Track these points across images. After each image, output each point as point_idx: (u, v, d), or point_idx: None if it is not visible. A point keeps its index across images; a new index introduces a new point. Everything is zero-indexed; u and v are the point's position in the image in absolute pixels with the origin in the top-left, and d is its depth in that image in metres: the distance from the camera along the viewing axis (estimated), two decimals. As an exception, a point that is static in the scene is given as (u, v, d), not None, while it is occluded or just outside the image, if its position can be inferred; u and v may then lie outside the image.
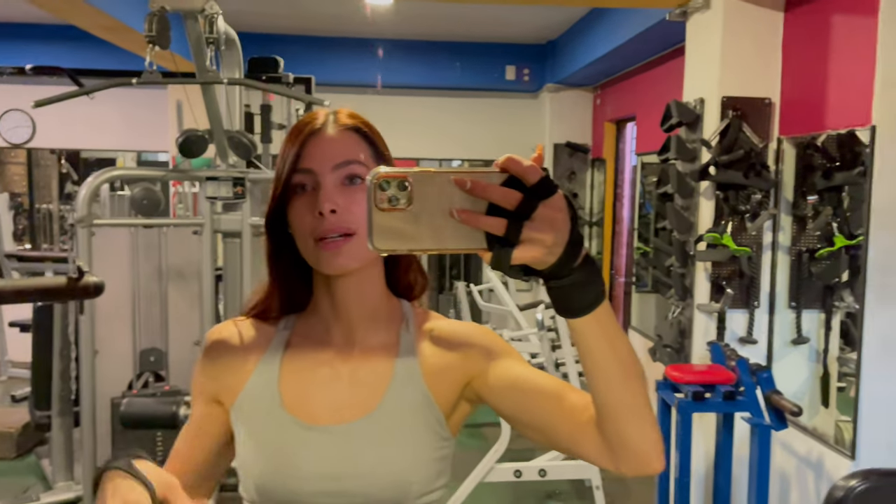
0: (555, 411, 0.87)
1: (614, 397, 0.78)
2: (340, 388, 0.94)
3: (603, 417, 0.80)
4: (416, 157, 6.63)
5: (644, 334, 4.84)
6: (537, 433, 0.91)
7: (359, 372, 0.95)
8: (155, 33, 2.73)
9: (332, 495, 0.89)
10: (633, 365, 0.79)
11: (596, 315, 0.74)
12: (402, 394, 0.93)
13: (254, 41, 5.29)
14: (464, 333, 0.98)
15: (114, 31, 4.34)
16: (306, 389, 0.94)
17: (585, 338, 0.76)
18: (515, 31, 5.94)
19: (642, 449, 0.80)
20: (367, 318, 0.97)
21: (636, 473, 0.82)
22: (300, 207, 0.90)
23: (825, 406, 3.13)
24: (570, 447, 0.87)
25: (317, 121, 0.92)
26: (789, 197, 3.15)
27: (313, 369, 0.95)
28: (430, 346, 0.97)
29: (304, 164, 0.90)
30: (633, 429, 0.79)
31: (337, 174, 0.90)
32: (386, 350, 0.96)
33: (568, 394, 0.88)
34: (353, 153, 0.91)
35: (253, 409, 0.94)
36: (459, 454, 1.01)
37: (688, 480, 2.75)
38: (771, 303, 3.20)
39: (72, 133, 6.45)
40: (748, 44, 3.15)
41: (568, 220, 0.67)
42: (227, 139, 3.33)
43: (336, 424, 0.92)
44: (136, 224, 3.64)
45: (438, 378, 0.95)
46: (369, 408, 0.92)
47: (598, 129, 6.15)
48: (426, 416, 0.93)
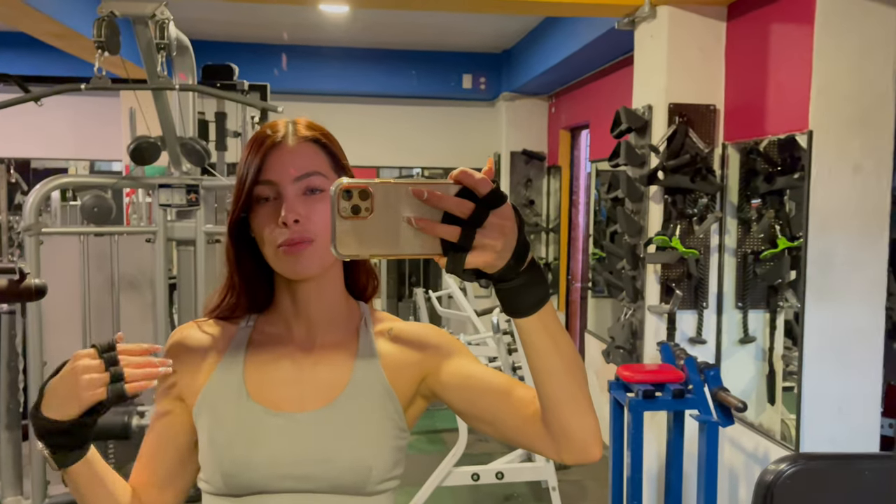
0: (502, 405, 0.94)
1: (556, 390, 0.85)
2: (303, 380, 0.98)
3: (546, 409, 0.87)
4: (374, 166, 6.64)
5: (600, 338, 4.91)
6: (487, 426, 0.97)
7: (320, 364, 0.99)
8: (104, 38, 2.71)
9: (297, 479, 0.93)
10: (574, 360, 0.85)
11: (540, 315, 0.80)
12: (363, 384, 0.98)
13: (209, 49, 5.26)
14: (420, 333, 1.03)
15: (63, 37, 4.28)
16: (270, 381, 0.98)
17: (531, 336, 0.82)
18: (472, 40, 6.00)
19: (582, 437, 0.87)
20: (327, 318, 1.01)
21: (577, 461, 0.89)
22: (263, 217, 0.94)
23: (771, 403, 3.22)
24: (516, 438, 0.94)
25: (278, 132, 0.96)
26: (734, 200, 3.25)
27: (276, 362, 1.00)
28: (388, 344, 1.02)
29: (267, 175, 0.94)
30: (573, 419, 0.86)
31: (298, 185, 0.94)
32: (346, 346, 1.01)
33: (515, 389, 0.94)
34: (313, 165, 0.95)
35: (218, 401, 0.97)
36: (419, 458, 1.06)
37: (640, 477, 2.81)
38: (719, 303, 3.29)
39: (22, 142, 6.31)
40: (693, 52, 3.25)
41: (516, 227, 0.73)
42: (179, 146, 3.30)
43: (300, 412, 0.96)
44: (87, 232, 3.58)
45: (396, 373, 1.00)
46: (332, 397, 0.97)
47: (553, 136, 6.24)
48: (386, 405, 0.98)
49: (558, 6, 3.46)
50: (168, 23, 2.87)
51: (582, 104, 5.58)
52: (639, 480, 2.81)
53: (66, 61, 5.10)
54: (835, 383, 2.71)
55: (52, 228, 3.50)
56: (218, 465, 0.94)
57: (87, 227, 3.63)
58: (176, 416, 1.01)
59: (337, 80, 6.27)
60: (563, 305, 6.05)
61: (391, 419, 0.98)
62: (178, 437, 1.01)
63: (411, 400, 1.01)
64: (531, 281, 0.77)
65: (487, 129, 6.60)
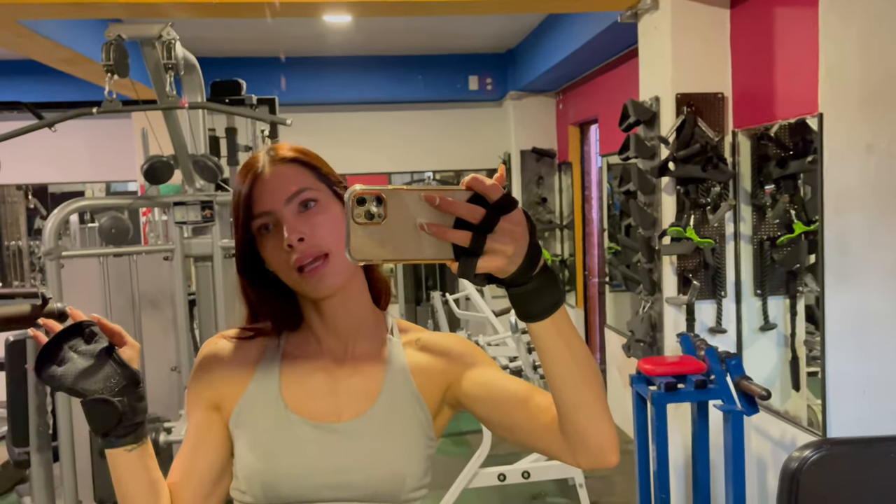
0: (521, 412, 0.95)
1: (572, 394, 0.85)
2: (338, 390, 1.01)
3: (562, 414, 0.87)
4: (385, 172, 6.67)
5: (620, 332, 4.90)
6: (507, 432, 0.99)
7: (353, 376, 1.02)
8: (113, 62, 2.74)
9: (335, 488, 0.95)
10: (589, 365, 0.85)
11: (553, 319, 0.80)
12: (395, 394, 1.01)
13: (216, 65, 5.31)
14: (446, 342, 1.06)
15: (73, 62, 4.34)
16: (306, 392, 1.01)
17: (544, 341, 0.82)
18: (475, 41, 6.01)
19: (598, 443, 0.87)
20: (356, 330, 1.04)
21: (593, 466, 0.89)
22: (271, 247, 0.96)
23: (796, 390, 3.19)
24: (534, 444, 0.96)
25: (258, 164, 0.98)
26: (747, 187, 3.23)
27: (310, 374, 1.02)
28: (416, 353, 1.05)
29: (259, 207, 0.96)
30: (589, 424, 0.86)
31: (292, 205, 0.96)
32: (376, 356, 1.04)
33: (533, 396, 0.96)
34: (299, 182, 0.97)
35: (255, 413, 1.00)
36: (444, 461, 1.08)
37: (667, 471, 2.80)
38: (737, 292, 3.27)
39: (38, 168, 6.40)
40: (697, 41, 3.23)
41: (527, 232, 0.74)
42: (192, 163, 3.34)
43: (338, 423, 0.98)
44: (106, 253, 3.62)
45: (425, 381, 1.02)
46: (366, 407, 0.99)
47: (562, 133, 6.23)
48: (417, 415, 1.01)
49: (560, 2, 3.46)
50: (175, 43, 2.91)
51: (589, 99, 5.57)
52: (665, 474, 2.80)
53: (77, 86, 5.17)
54: (858, 366, 2.68)
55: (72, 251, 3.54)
56: (258, 476, 0.96)
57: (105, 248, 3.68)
58: (213, 426, 1.02)
59: (344, 89, 6.30)
60: (581, 301, 6.03)
61: (422, 427, 1.00)
62: (216, 447, 1.01)
63: (439, 408, 1.03)
64: (543, 285, 0.78)
65: (496, 129, 6.61)
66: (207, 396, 1.02)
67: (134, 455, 0.95)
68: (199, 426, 1.02)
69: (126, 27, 2.84)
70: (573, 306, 6.05)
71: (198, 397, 1.03)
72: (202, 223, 3.48)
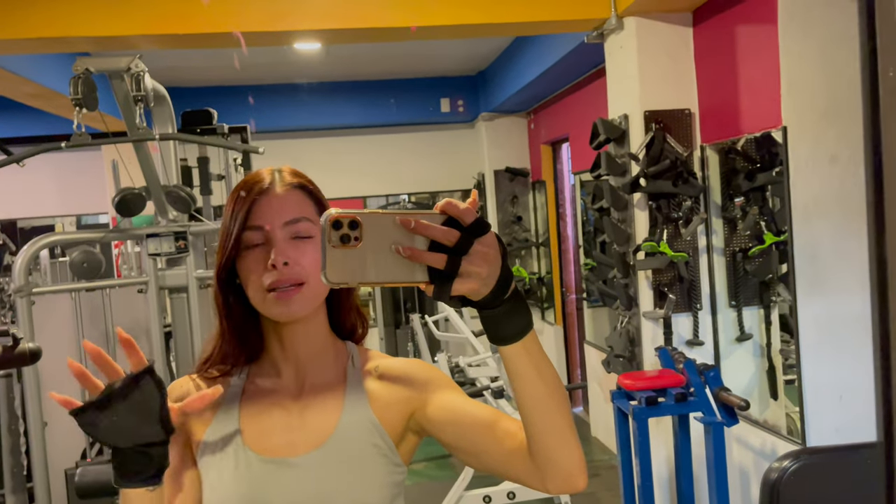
0: (487, 438, 0.95)
1: (542, 418, 0.86)
2: (293, 426, 1.00)
3: (532, 438, 0.88)
4: (360, 196, 6.67)
5: (599, 348, 4.92)
6: (473, 458, 0.98)
7: (310, 409, 1.01)
8: (81, 95, 2.73)
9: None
10: (558, 389, 0.86)
11: (524, 343, 0.82)
12: (353, 423, 1.00)
13: (186, 95, 5.30)
14: (406, 369, 1.05)
15: (40, 97, 4.31)
16: (264, 429, 1.00)
17: (515, 363, 0.83)
18: (446, 64, 6.07)
19: (567, 467, 0.88)
20: (315, 358, 1.03)
21: (562, 491, 0.90)
22: (252, 262, 0.96)
23: (774, 399, 3.23)
24: (501, 469, 0.95)
25: (264, 180, 0.98)
26: (718, 201, 3.28)
27: (268, 410, 1.01)
28: (375, 382, 1.04)
29: (255, 221, 0.96)
30: (558, 448, 0.87)
31: (287, 230, 0.96)
32: (334, 386, 1.03)
33: (500, 421, 0.96)
34: (301, 210, 0.98)
35: (216, 452, 0.99)
36: (429, 486, 1.07)
37: (651, 485, 2.81)
38: (712, 304, 3.31)
39: (6, 203, 6.32)
40: (663, 59, 3.30)
41: (499, 255, 0.76)
42: (164, 194, 3.32)
43: (293, 457, 0.97)
44: (78, 288, 3.57)
45: (385, 409, 1.01)
46: (322, 439, 0.98)
47: (535, 152, 6.29)
48: (377, 442, 0.99)
49: (527, 26, 3.51)
50: (143, 74, 2.90)
51: (560, 118, 5.64)
52: (650, 487, 2.81)
53: (45, 120, 5.13)
54: (833, 372, 2.71)
55: (43, 287, 3.49)
56: None
57: (77, 283, 3.62)
58: (189, 462, 1.01)
59: (316, 115, 6.31)
60: (559, 318, 6.05)
61: (384, 455, 0.99)
62: (190, 481, 1.00)
63: (402, 435, 1.02)
64: (514, 309, 0.79)
65: (469, 150, 6.65)
66: (180, 434, 1.02)
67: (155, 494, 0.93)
68: (174, 462, 1.01)
69: (94, 60, 2.83)
70: (552, 323, 6.06)
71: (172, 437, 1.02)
72: (176, 254, 3.45)
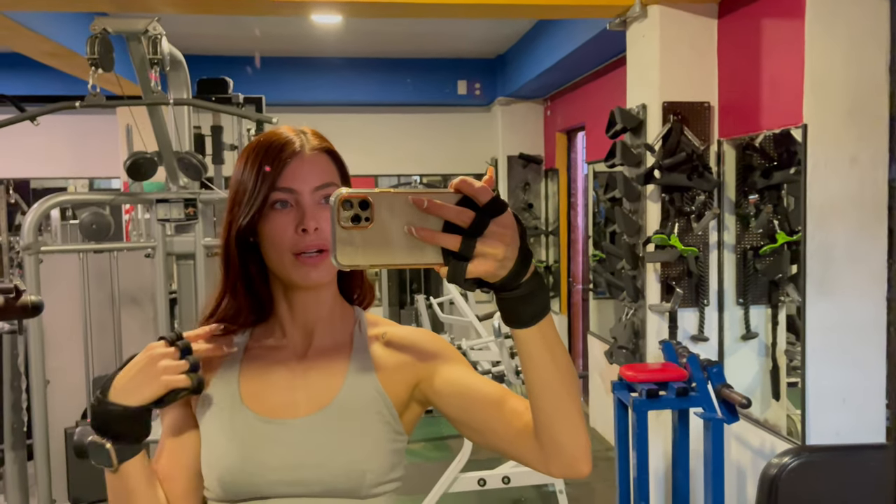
0: (494, 415, 0.94)
1: (551, 403, 0.84)
2: (297, 386, 0.99)
3: (539, 421, 0.86)
4: (372, 174, 6.66)
5: (603, 339, 4.90)
6: (477, 434, 0.97)
7: (314, 370, 1.00)
8: (97, 55, 2.71)
9: (291, 484, 0.93)
10: (570, 374, 0.85)
11: (540, 327, 0.79)
12: (357, 388, 0.98)
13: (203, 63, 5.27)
14: (414, 338, 1.04)
15: (57, 56, 4.30)
16: (265, 389, 0.99)
17: (529, 348, 0.81)
18: (465, 46, 6.02)
19: (572, 452, 0.86)
20: (323, 321, 1.02)
21: (565, 475, 0.88)
22: (279, 224, 0.94)
23: (776, 399, 3.21)
24: (506, 449, 0.94)
25: (294, 142, 0.96)
26: (732, 197, 3.25)
27: (270, 370, 1.00)
28: (382, 348, 1.02)
29: (286, 183, 0.94)
30: (565, 432, 0.86)
31: (317, 195, 0.95)
32: (340, 349, 1.02)
33: (508, 400, 0.94)
34: (329, 176, 0.97)
35: (214, 410, 0.98)
36: (424, 466, 1.05)
37: (647, 478, 2.80)
38: (720, 300, 3.28)
39: (21, 162, 6.34)
40: (685, 50, 3.25)
41: (517, 235, 0.73)
42: (176, 160, 3.31)
43: (293, 418, 0.96)
44: (86, 249, 3.58)
45: (391, 376, 1.00)
46: (325, 402, 0.97)
47: (549, 139, 6.25)
48: (380, 409, 0.98)
49: (549, 9, 3.46)
50: (161, 38, 2.88)
51: (577, 106, 5.59)
52: (645, 480, 2.80)
53: (61, 80, 5.12)
54: (838, 376, 2.70)
55: (52, 247, 3.49)
56: (214, 473, 0.95)
57: (86, 244, 3.63)
58: (189, 420, 1.00)
59: (332, 91, 6.29)
60: (564, 308, 6.04)
61: (386, 423, 0.98)
62: (196, 441, 0.99)
63: (406, 404, 1.01)
64: (533, 291, 0.76)
65: (484, 135, 6.61)
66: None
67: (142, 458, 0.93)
68: (175, 421, 1.01)
69: (112, 21, 2.81)
70: (557, 312, 6.05)
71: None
72: (185, 221, 3.45)
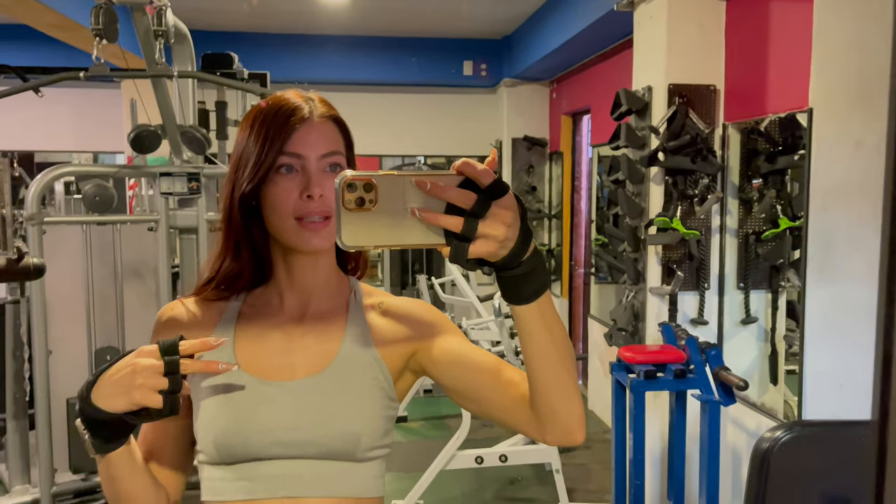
0: (490, 385, 0.96)
1: (548, 375, 0.87)
2: (293, 349, 1.00)
3: (535, 392, 0.89)
4: (376, 154, 6.64)
5: (603, 322, 4.91)
6: (473, 404, 0.99)
7: (310, 334, 1.01)
8: (102, 26, 2.71)
9: (286, 445, 0.94)
10: (566, 348, 0.87)
11: (539, 303, 0.82)
12: (353, 353, 1.00)
13: (208, 38, 5.26)
14: (411, 308, 1.05)
15: (62, 27, 4.28)
16: (261, 351, 1.00)
17: (527, 323, 0.84)
18: (472, 26, 5.98)
19: (567, 421, 0.89)
20: (320, 287, 1.03)
21: (560, 443, 0.92)
22: (283, 188, 0.94)
23: (774, 384, 3.22)
24: (502, 417, 0.96)
25: (303, 108, 0.96)
26: (735, 181, 3.24)
27: (267, 333, 1.01)
28: (378, 317, 1.04)
29: (294, 148, 0.95)
30: (561, 403, 0.88)
31: (323, 162, 0.96)
32: (336, 315, 1.03)
33: (504, 370, 0.96)
34: (336, 144, 0.98)
35: (208, 373, 0.97)
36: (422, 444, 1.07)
37: (643, 458, 2.81)
38: (720, 284, 3.28)
39: (25, 135, 6.34)
40: (692, 32, 3.23)
41: (518, 217, 0.75)
42: (180, 134, 3.31)
43: (290, 381, 0.97)
44: (89, 221, 3.59)
45: (387, 345, 1.01)
46: (322, 366, 0.98)
47: (554, 122, 6.22)
48: (375, 375, 0.99)
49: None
50: (165, 9, 2.88)
51: (583, 89, 5.56)
52: (641, 461, 2.81)
53: (65, 53, 5.11)
54: (836, 361, 2.70)
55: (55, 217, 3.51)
56: (209, 435, 0.95)
57: (89, 216, 3.64)
58: None
59: (337, 69, 6.26)
60: (566, 291, 6.05)
61: (381, 388, 0.99)
62: (184, 408, 0.99)
63: (401, 373, 1.02)
64: (533, 269, 0.78)
65: (489, 116, 6.59)
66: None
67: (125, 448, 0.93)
68: None
69: (117, -9, 2.80)
70: (558, 296, 6.06)
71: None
72: (188, 195, 3.46)
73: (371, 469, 0.97)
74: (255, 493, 0.94)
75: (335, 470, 0.95)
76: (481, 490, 3.80)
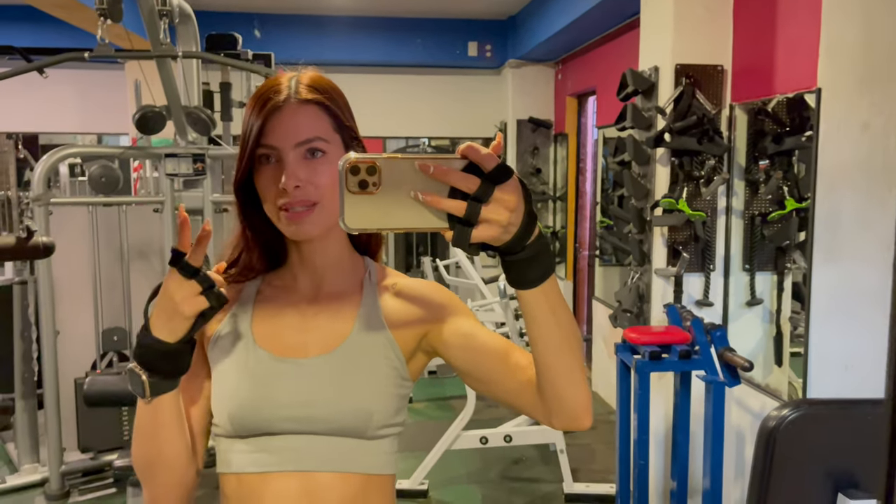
0: (499, 368, 0.96)
1: (554, 360, 0.87)
2: (308, 328, 1.01)
3: (542, 377, 0.89)
4: (380, 136, 6.62)
5: (608, 304, 4.92)
6: (482, 385, 1.00)
7: (323, 314, 1.02)
8: (106, 5, 2.70)
9: (299, 421, 0.95)
10: (572, 332, 0.87)
11: (543, 287, 0.81)
12: (366, 333, 1.00)
13: (212, 19, 5.23)
14: (424, 290, 1.05)
15: (66, 8, 4.26)
16: (276, 329, 1.01)
17: (533, 308, 0.83)
18: (477, 6, 5.94)
19: (573, 406, 0.90)
20: (332, 268, 1.04)
21: (566, 427, 0.92)
22: (266, 179, 0.95)
23: (779, 365, 3.23)
24: (510, 400, 0.97)
25: (280, 95, 0.95)
26: (742, 162, 3.22)
27: (282, 312, 1.02)
28: (392, 298, 1.04)
29: (268, 139, 0.94)
30: (567, 388, 0.88)
31: (299, 150, 0.94)
32: (350, 295, 1.04)
33: (512, 353, 0.97)
34: (314, 130, 0.95)
35: (226, 347, 1.00)
36: (428, 424, 1.07)
37: (647, 439, 2.83)
38: (726, 266, 3.28)
39: (30, 116, 6.33)
40: (700, 11, 3.20)
41: (522, 202, 0.74)
42: (185, 115, 3.30)
43: (304, 358, 0.98)
44: (95, 202, 3.60)
45: (400, 325, 1.02)
46: (335, 344, 0.99)
47: (559, 103, 6.19)
48: (387, 354, 1.00)
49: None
50: (170, -11, 2.86)
51: (588, 70, 5.53)
52: (645, 442, 2.83)
53: (69, 34, 5.09)
54: (841, 342, 2.70)
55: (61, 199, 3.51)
56: (225, 408, 0.97)
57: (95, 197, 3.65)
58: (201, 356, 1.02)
59: (341, 50, 6.23)
60: (570, 273, 6.05)
61: (394, 367, 1.00)
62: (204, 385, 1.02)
63: (413, 353, 1.03)
64: (537, 254, 0.78)
65: (494, 97, 6.56)
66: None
67: (175, 394, 0.95)
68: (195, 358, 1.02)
69: (121, -30, 2.78)
70: (563, 278, 6.06)
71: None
72: (193, 176, 3.46)
73: (382, 446, 0.99)
74: (268, 466, 0.96)
75: (346, 446, 0.96)
76: (486, 470, 3.83)
